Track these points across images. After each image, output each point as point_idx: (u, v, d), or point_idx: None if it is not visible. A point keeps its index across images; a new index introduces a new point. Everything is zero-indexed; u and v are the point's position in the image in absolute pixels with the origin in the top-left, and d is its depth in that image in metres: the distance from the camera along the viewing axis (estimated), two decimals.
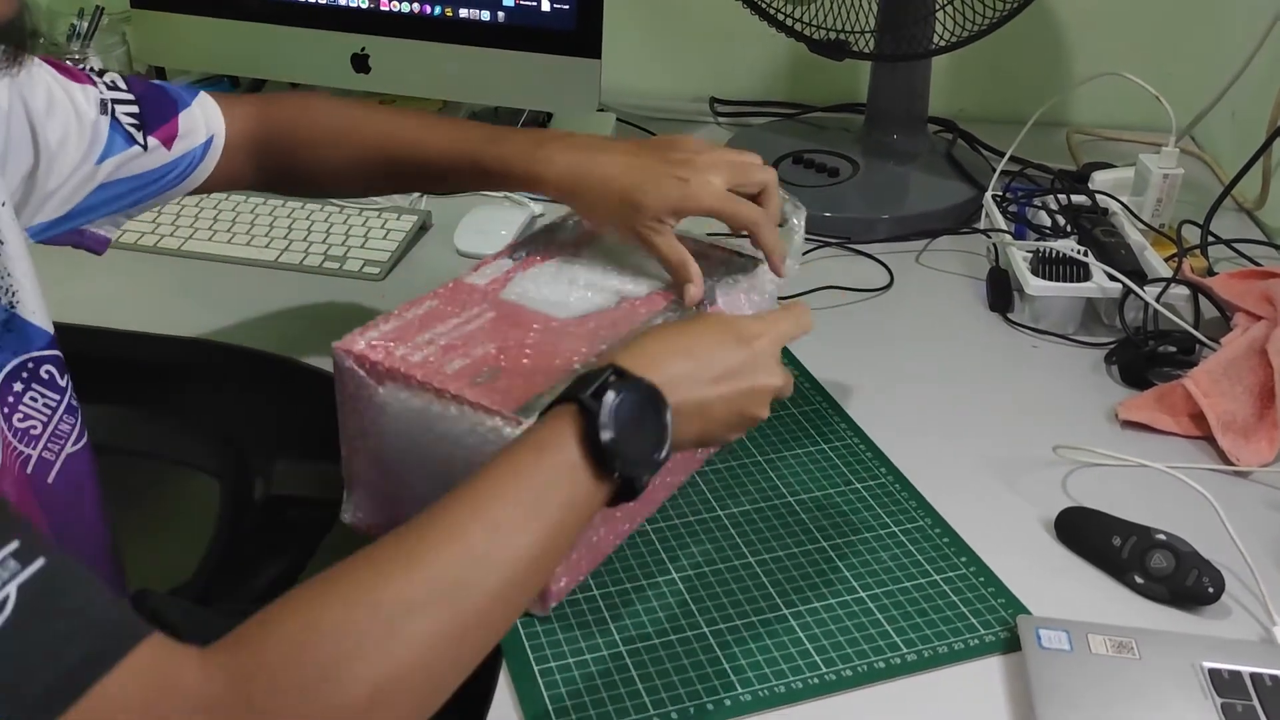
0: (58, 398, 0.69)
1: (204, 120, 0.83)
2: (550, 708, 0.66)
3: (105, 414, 0.94)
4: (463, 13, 1.24)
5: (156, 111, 0.80)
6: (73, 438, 0.69)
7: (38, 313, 0.69)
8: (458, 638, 0.52)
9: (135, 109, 0.78)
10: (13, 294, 0.66)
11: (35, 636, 0.45)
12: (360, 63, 1.28)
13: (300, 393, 1.01)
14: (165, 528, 1.26)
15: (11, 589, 0.44)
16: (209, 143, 0.83)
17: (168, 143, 0.80)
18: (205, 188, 0.85)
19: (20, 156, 0.71)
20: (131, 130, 0.78)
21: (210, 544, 1.13)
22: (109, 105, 0.77)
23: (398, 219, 1.17)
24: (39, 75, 0.73)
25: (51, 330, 0.70)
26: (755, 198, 0.80)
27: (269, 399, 1.14)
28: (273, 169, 0.86)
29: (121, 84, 0.78)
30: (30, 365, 0.69)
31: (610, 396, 0.58)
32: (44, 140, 0.73)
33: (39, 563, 0.46)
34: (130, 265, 1.12)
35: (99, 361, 0.96)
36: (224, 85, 1.37)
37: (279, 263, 1.11)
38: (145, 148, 0.78)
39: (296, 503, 1.36)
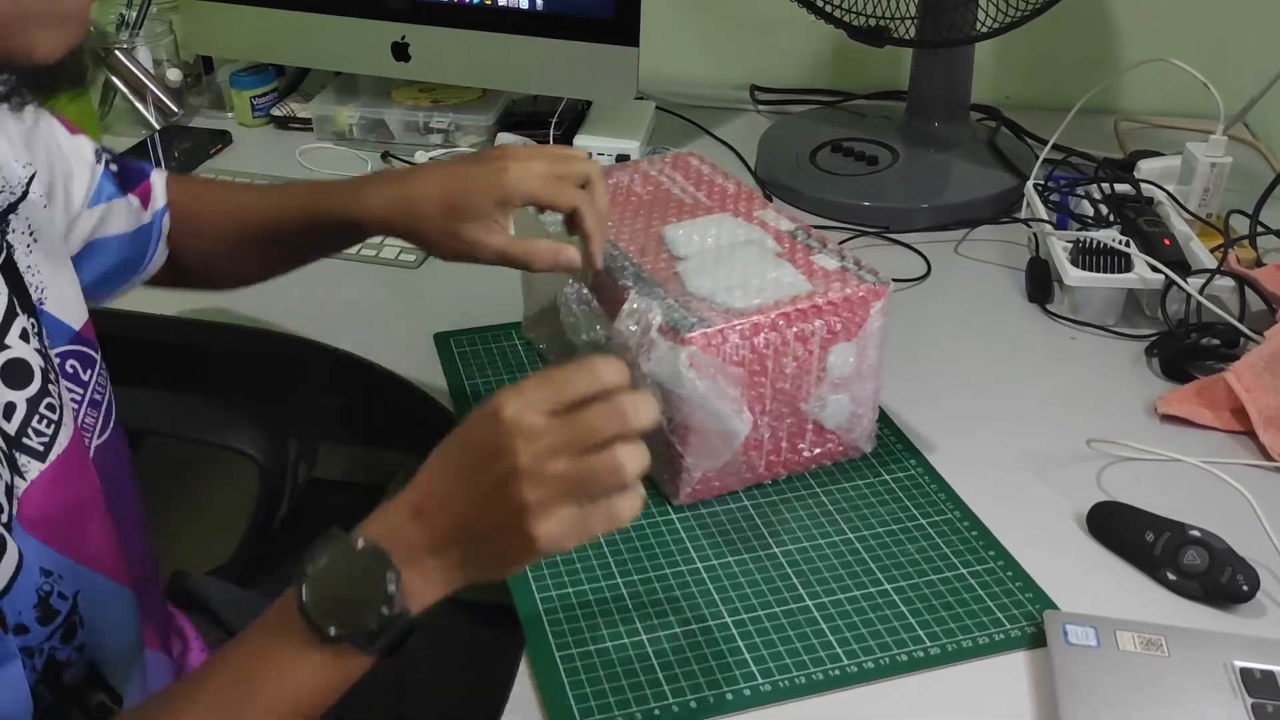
0: (81, 391, 0.70)
1: (161, 187, 0.83)
2: (570, 694, 0.66)
3: (147, 397, 0.97)
4: (501, 1, 1.24)
5: (133, 171, 0.81)
6: (97, 429, 0.70)
7: (64, 308, 0.70)
8: None
9: (116, 167, 0.79)
10: (42, 290, 0.68)
11: None
12: (400, 51, 1.29)
13: (339, 379, 1.03)
14: (205, 509, 1.29)
15: None
16: (164, 209, 0.83)
17: (144, 200, 0.81)
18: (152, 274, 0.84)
19: (44, 171, 0.72)
20: (119, 181, 0.79)
21: (249, 526, 1.15)
22: (100, 154, 0.78)
23: None
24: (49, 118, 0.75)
25: (77, 326, 0.71)
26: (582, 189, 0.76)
27: (309, 384, 1.15)
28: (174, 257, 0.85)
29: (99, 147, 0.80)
30: (55, 360, 0.71)
31: (311, 568, 0.55)
32: (62, 163, 0.74)
33: None
34: None
35: (142, 345, 0.98)
36: (268, 74, 1.39)
37: None
38: (128, 201, 0.79)
39: (337, 486, 1.38)
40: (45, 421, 0.64)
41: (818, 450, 0.82)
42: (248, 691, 0.56)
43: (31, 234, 0.68)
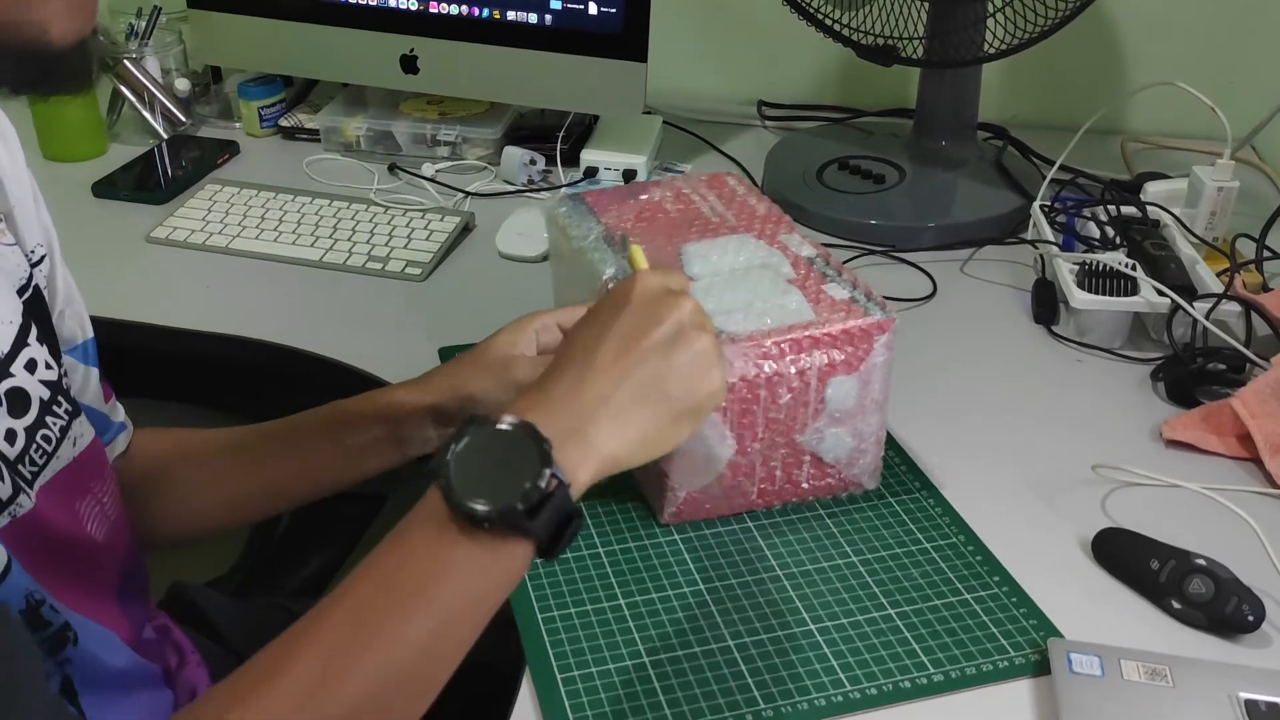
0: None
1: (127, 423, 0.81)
2: (570, 716, 0.66)
3: (146, 407, 0.96)
4: (510, 15, 1.24)
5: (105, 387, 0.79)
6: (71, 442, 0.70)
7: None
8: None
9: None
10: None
11: None
12: (409, 63, 1.29)
13: (341, 391, 1.02)
14: None
15: None
16: (124, 426, 0.80)
17: (108, 396, 0.78)
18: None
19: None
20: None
21: (249, 537, 1.14)
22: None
23: (441, 220, 1.18)
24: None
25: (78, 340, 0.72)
26: None
27: (312, 396, 1.15)
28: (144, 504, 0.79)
29: None
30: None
31: (453, 448, 0.54)
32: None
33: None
34: (178, 261, 1.15)
35: (143, 355, 0.98)
36: (276, 84, 1.39)
37: (323, 262, 1.12)
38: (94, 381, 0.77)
39: (339, 497, 1.38)
40: (40, 452, 0.64)
41: (816, 483, 0.80)
42: (401, 598, 0.53)
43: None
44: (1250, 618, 0.70)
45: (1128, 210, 1.09)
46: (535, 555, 0.55)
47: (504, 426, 0.55)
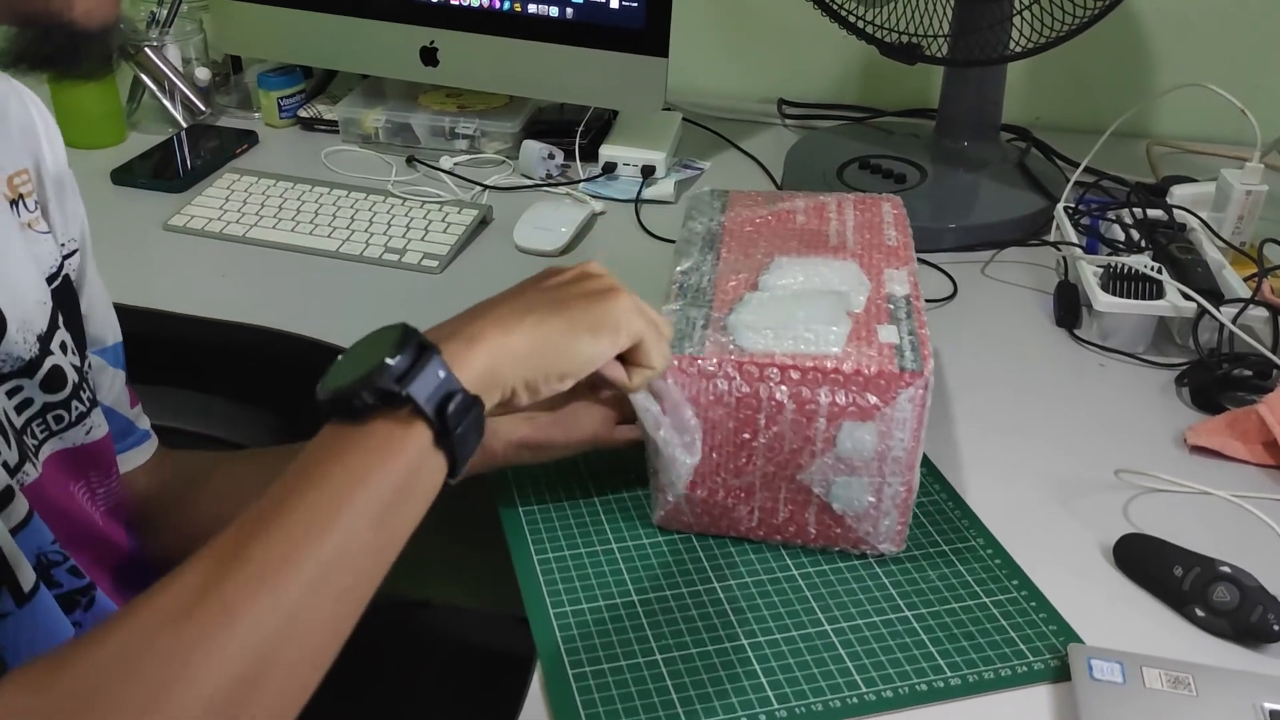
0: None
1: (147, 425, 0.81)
2: (582, 713, 0.65)
3: (162, 396, 0.96)
4: (531, 8, 1.23)
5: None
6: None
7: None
8: (284, 635, 0.47)
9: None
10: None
11: None
12: (429, 56, 1.29)
13: None
14: (217, 521, 1.28)
15: None
16: (148, 435, 0.80)
17: (133, 402, 0.79)
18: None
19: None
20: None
21: None
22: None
23: (459, 213, 1.17)
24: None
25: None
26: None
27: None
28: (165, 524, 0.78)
29: None
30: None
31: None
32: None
33: None
34: (195, 250, 1.14)
35: (159, 344, 0.97)
36: (296, 75, 1.39)
37: (340, 253, 1.12)
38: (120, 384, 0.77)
39: None
40: (43, 427, 0.65)
41: (827, 531, 0.75)
42: (302, 511, 0.49)
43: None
44: (1276, 627, 0.69)
45: (1154, 213, 1.08)
46: (435, 443, 0.53)
47: (380, 331, 0.56)
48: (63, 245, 0.70)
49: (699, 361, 0.72)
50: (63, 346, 0.66)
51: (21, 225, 0.66)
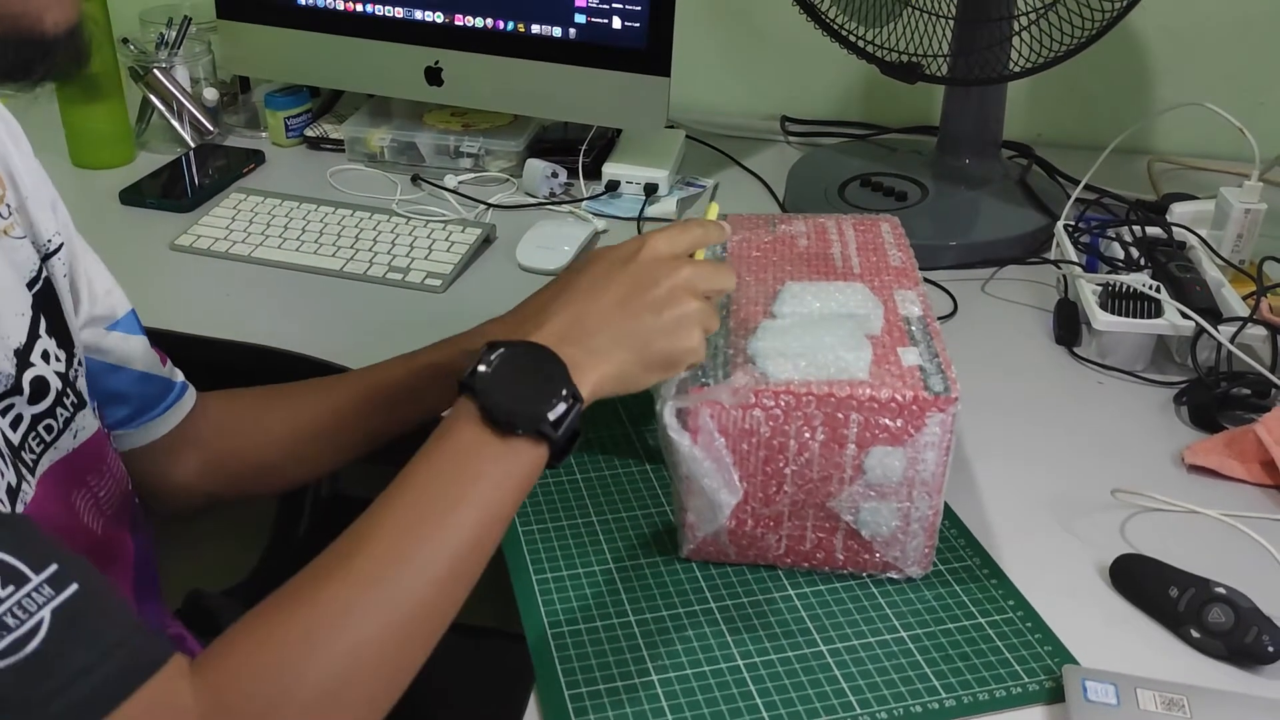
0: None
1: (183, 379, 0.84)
2: None
3: None
4: (534, 29, 1.25)
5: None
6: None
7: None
8: (400, 629, 0.56)
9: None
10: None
11: (65, 661, 0.48)
12: (434, 75, 1.30)
13: None
14: (224, 526, 1.29)
15: (45, 614, 0.48)
16: (186, 385, 0.84)
17: (163, 360, 0.82)
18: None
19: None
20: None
21: (268, 543, 1.15)
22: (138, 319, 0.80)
23: (462, 231, 1.18)
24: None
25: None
26: None
27: None
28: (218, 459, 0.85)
29: None
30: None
31: (483, 367, 0.61)
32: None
33: (72, 588, 0.49)
34: (201, 269, 1.15)
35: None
36: (303, 95, 1.40)
37: (344, 272, 1.13)
38: (145, 348, 0.80)
39: (358, 503, 1.38)
40: (39, 440, 0.66)
41: (854, 557, 0.75)
42: (455, 491, 0.59)
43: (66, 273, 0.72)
44: (1270, 648, 0.69)
45: (1153, 231, 1.08)
46: (547, 464, 0.63)
47: (528, 349, 0.63)
48: (47, 243, 0.70)
49: (716, 388, 0.70)
50: (44, 355, 0.66)
51: None
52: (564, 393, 0.62)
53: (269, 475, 0.87)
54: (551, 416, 0.61)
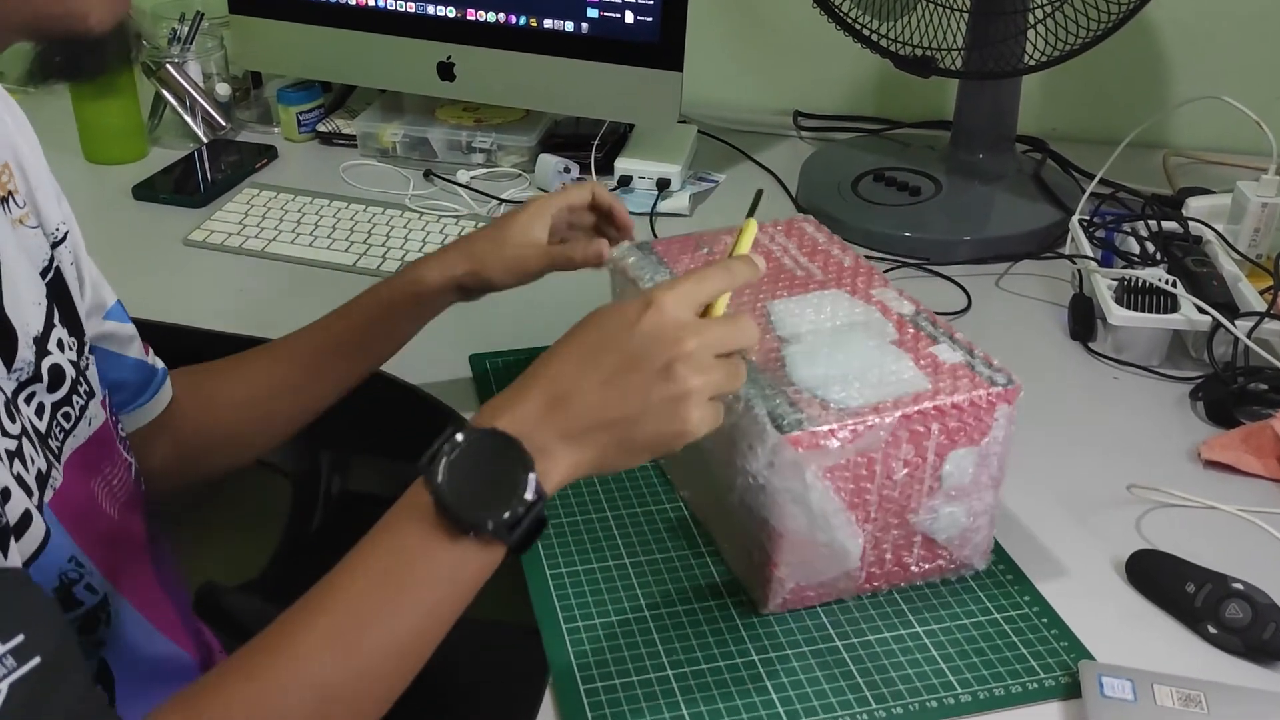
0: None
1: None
2: None
3: None
4: (547, 23, 1.24)
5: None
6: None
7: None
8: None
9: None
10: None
11: None
12: (446, 70, 1.30)
13: (374, 394, 1.03)
14: (237, 523, 1.29)
15: (4, 686, 0.48)
16: (165, 371, 0.83)
17: (146, 349, 0.81)
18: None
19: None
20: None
21: (280, 540, 1.15)
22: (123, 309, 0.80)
23: (474, 226, 1.18)
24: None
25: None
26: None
27: (344, 400, 1.16)
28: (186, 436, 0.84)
29: None
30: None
31: (443, 458, 0.57)
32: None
33: (34, 661, 0.49)
34: (214, 264, 1.16)
35: (178, 358, 0.99)
36: (315, 90, 1.40)
37: (357, 267, 1.13)
38: (135, 335, 0.80)
39: (369, 500, 1.39)
40: (59, 428, 0.66)
41: (926, 566, 0.74)
42: (393, 594, 0.56)
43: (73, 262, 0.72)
44: None
45: (1169, 226, 1.07)
46: (506, 557, 0.59)
47: (492, 439, 0.58)
48: (54, 232, 0.71)
49: (830, 432, 0.67)
50: (59, 344, 0.67)
51: (13, 223, 0.66)
52: (523, 493, 0.56)
53: (237, 444, 0.87)
54: (507, 517, 0.56)
